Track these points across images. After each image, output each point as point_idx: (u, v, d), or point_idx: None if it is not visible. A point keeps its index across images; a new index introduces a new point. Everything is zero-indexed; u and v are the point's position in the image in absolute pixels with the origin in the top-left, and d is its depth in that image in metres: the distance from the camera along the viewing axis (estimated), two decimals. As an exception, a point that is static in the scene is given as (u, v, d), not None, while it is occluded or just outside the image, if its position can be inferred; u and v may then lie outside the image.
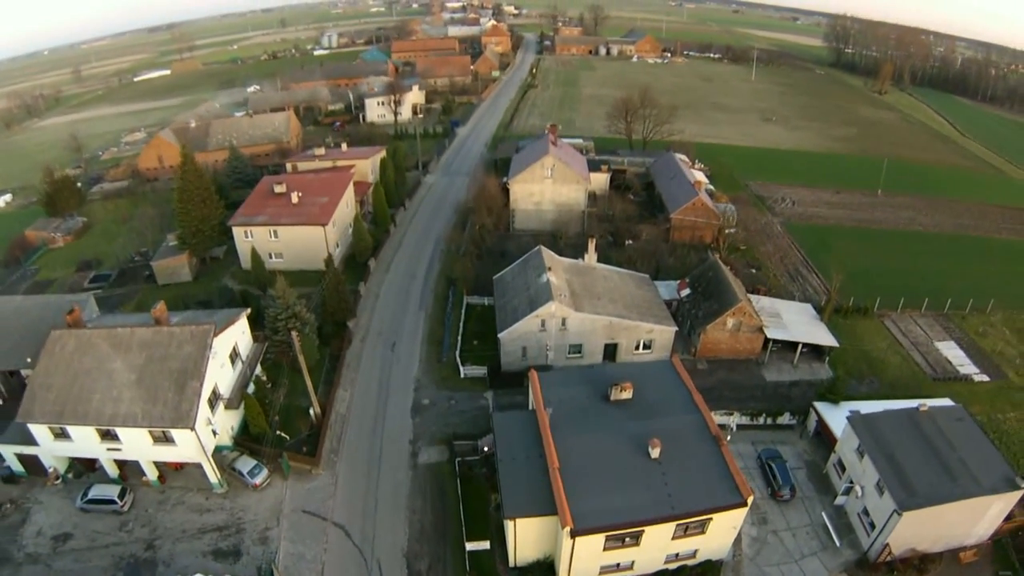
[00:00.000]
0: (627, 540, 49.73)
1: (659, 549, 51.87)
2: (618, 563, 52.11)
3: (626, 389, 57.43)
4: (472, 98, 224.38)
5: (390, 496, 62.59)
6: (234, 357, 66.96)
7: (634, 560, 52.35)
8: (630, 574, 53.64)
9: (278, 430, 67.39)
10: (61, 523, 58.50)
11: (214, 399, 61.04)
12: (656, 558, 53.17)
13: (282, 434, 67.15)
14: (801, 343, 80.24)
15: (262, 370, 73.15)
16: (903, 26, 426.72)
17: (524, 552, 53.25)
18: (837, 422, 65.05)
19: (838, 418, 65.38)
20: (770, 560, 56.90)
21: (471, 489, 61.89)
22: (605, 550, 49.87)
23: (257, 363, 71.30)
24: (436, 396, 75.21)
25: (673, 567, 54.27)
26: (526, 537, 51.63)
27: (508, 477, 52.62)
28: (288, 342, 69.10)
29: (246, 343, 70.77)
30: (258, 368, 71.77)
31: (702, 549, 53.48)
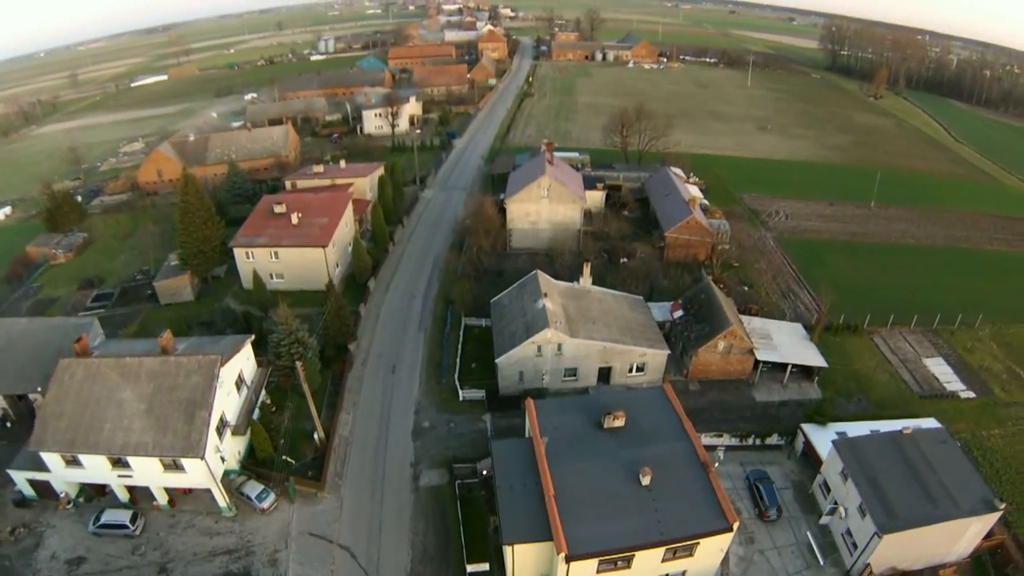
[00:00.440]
0: (619, 564, 52.45)
1: (649, 571, 54.42)
2: (611, 585, 55.08)
3: (619, 418, 60.28)
4: (469, 108, 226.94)
5: (394, 518, 65.28)
6: (239, 384, 69.63)
7: (626, 581, 55.30)
8: (623, 595, 56.57)
9: (284, 455, 70.15)
10: (74, 547, 60.90)
11: (221, 427, 63.69)
12: (647, 579, 56.11)
13: (288, 459, 69.90)
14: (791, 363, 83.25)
15: (266, 394, 75.86)
16: (899, 26, 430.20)
17: (522, 575, 55.95)
18: (823, 444, 67.87)
19: (825, 440, 68.26)
20: (757, 579, 59.95)
21: (471, 512, 64.63)
22: (598, 573, 52.55)
23: (262, 388, 74.05)
24: (436, 419, 77.88)
25: (664, 587, 57.17)
26: (524, 561, 54.33)
27: (506, 504, 55.40)
28: (292, 367, 71.79)
29: (251, 369, 73.49)
30: (263, 393, 74.46)
31: (691, 570, 56.05)
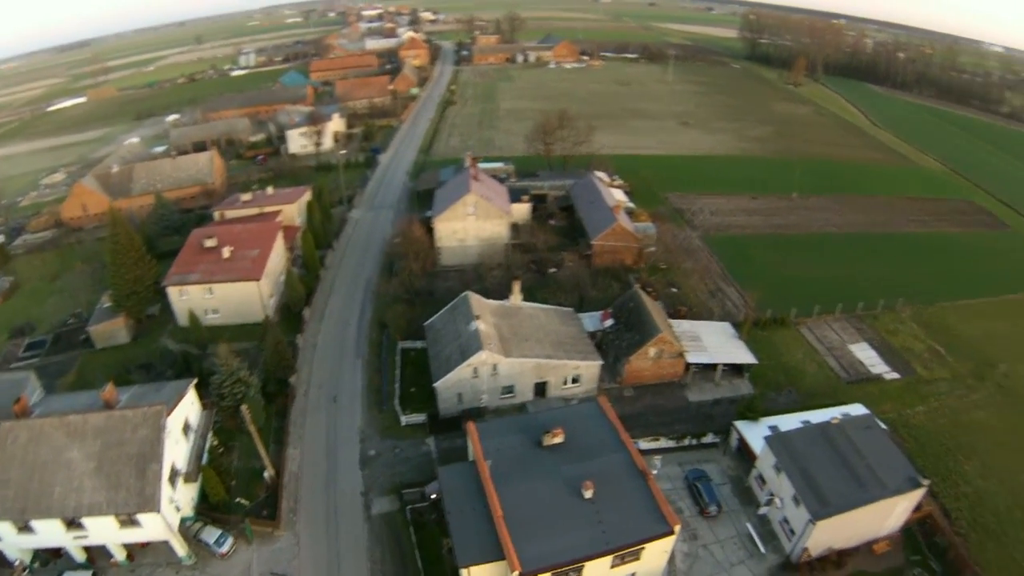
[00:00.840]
0: (571, 575, 55.73)
1: (600, 577, 58.21)
2: (564, 594, 58.46)
3: (558, 435, 63.75)
4: (392, 121, 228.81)
5: (351, 549, 67.26)
6: (187, 429, 70.42)
7: (578, 589, 58.86)
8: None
9: (237, 496, 71.41)
10: (37, 613, 61.11)
11: (173, 476, 64.36)
12: (598, 584, 59.74)
13: (241, 500, 71.18)
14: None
15: (213, 435, 76.69)
16: (816, 11, 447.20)
17: (478, 595, 58.91)
18: (756, 439, 72.66)
19: (757, 435, 73.14)
20: (702, 572, 64.19)
21: (424, 536, 67.09)
22: (551, 584, 55.96)
23: (208, 431, 74.85)
24: (381, 446, 79.88)
25: (614, 590, 60.82)
26: (479, 582, 57.29)
27: (458, 528, 58.07)
28: (236, 407, 73.51)
29: (196, 413, 74.25)
30: (210, 435, 75.22)
31: (639, 572, 59.60)
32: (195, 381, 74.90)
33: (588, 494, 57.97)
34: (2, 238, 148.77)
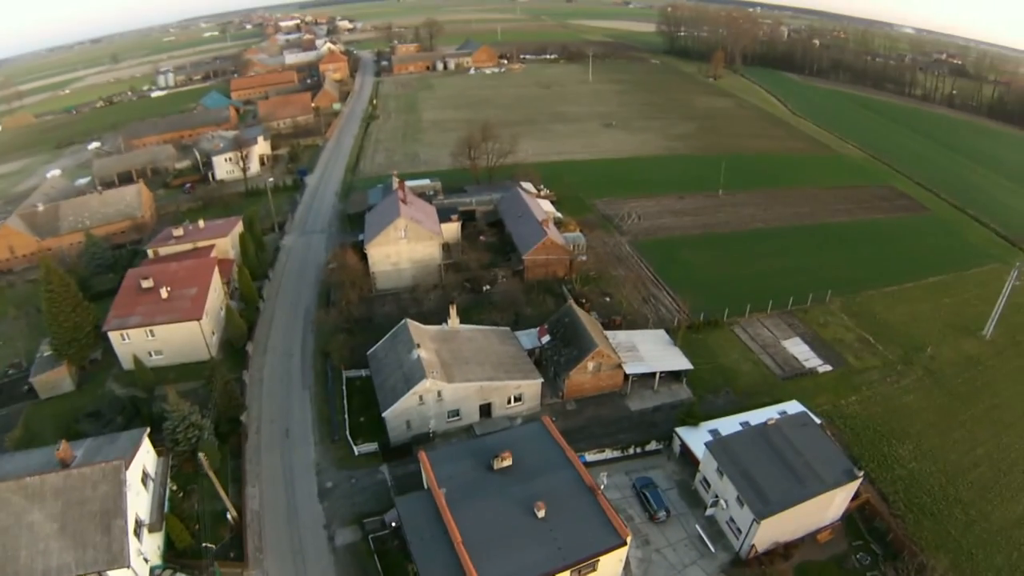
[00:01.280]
0: (532, 591, 59.37)
1: (560, 592, 61.74)
2: (527, 610, 61.84)
3: (506, 458, 67.15)
4: (317, 139, 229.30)
5: (319, 583, 69.62)
6: (145, 479, 71.04)
7: (541, 604, 62.36)
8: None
9: (204, 542, 72.33)
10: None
11: (138, 528, 64.88)
12: (559, 598, 63.31)
13: (208, 544, 72.14)
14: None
15: (171, 481, 77.40)
16: (732, 0, 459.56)
17: (447, 618, 61.61)
18: (698, 444, 77.31)
19: (698, 439, 77.96)
20: (657, 575, 68.16)
21: (389, 562, 69.19)
22: (515, 602, 59.22)
23: (167, 478, 75.62)
24: (337, 477, 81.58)
25: (574, 599, 64.51)
26: (447, 606, 59.99)
27: (421, 556, 60.81)
28: (192, 451, 75.66)
29: (152, 460, 74.86)
30: (168, 481, 75.98)
31: (597, 582, 63.62)
32: (148, 429, 75.38)
33: (541, 514, 61.38)
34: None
